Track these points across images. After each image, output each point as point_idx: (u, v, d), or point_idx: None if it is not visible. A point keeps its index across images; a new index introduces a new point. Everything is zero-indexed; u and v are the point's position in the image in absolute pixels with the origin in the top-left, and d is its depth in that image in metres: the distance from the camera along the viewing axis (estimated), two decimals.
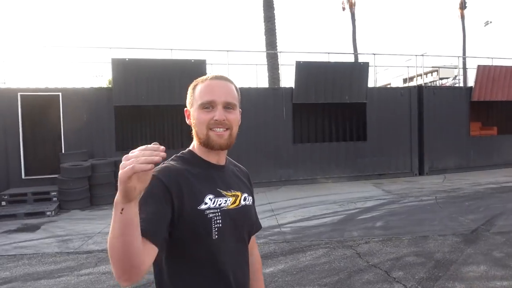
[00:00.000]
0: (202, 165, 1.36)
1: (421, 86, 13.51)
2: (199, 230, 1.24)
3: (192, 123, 1.36)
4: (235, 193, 1.38)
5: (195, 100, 1.35)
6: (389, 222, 7.08)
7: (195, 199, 1.25)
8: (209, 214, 1.26)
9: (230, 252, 1.32)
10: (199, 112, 1.32)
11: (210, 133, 1.31)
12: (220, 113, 1.31)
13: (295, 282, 4.49)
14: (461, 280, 4.36)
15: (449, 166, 13.28)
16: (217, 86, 1.33)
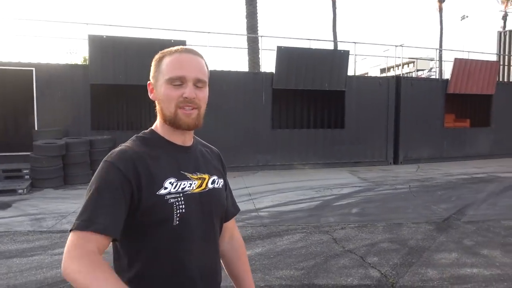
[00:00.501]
0: (165, 146, 1.27)
1: (399, 76, 13.70)
2: (158, 216, 1.16)
3: (158, 99, 1.26)
4: (201, 176, 1.29)
5: (161, 73, 1.24)
6: (364, 209, 7.21)
7: (154, 184, 1.17)
8: (170, 199, 1.18)
9: (196, 240, 1.23)
10: (166, 87, 1.22)
11: (178, 112, 1.22)
12: (191, 90, 1.22)
13: (272, 266, 4.53)
14: (434, 267, 4.49)
15: (422, 156, 13.59)
16: (188, 61, 1.24)
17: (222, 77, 11.50)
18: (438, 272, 4.33)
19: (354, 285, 4.03)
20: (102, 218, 1.08)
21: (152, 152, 1.22)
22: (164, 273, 1.19)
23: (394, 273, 4.32)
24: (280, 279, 4.18)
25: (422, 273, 4.31)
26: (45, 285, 4.01)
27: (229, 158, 11.59)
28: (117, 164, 1.14)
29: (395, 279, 4.15)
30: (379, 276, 4.22)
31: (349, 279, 4.17)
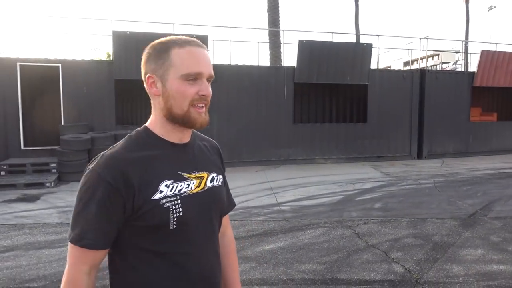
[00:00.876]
0: (160, 145, 1.18)
1: (423, 69, 13.43)
2: (154, 222, 1.11)
3: (163, 94, 1.15)
4: (200, 175, 1.23)
5: (173, 67, 1.13)
6: (387, 204, 7.13)
7: (148, 189, 1.11)
8: (165, 204, 1.12)
9: (195, 242, 1.19)
10: (181, 83, 1.13)
11: (191, 110, 1.15)
12: (207, 87, 1.16)
13: (294, 260, 4.54)
14: (459, 263, 4.42)
15: (447, 151, 13.33)
16: (202, 55, 1.16)
17: (244, 72, 11.52)
18: (464, 268, 4.26)
19: (377, 280, 4.00)
20: (92, 234, 1.08)
21: (146, 154, 1.15)
22: (163, 278, 1.15)
23: (418, 268, 4.27)
24: (302, 273, 4.19)
25: (447, 269, 4.26)
26: None
27: (251, 152, 11.69)
28: (105, 176, 1.07)
29: (419, 275, 4.10)
30: (402, 272, 4.19)
31: (372, 274, 4.15)
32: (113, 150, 1.14)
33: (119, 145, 1.16)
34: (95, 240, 1.08)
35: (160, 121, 1.20)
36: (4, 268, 4.32)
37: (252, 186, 8.62)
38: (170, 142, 1.20)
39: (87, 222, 1.08)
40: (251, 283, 3.95)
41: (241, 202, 7.31)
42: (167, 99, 1.15)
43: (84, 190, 1.09)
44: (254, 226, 5.82)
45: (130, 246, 1.14)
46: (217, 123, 11.35)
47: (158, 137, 1.20)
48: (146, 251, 1.14)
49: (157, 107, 1.20)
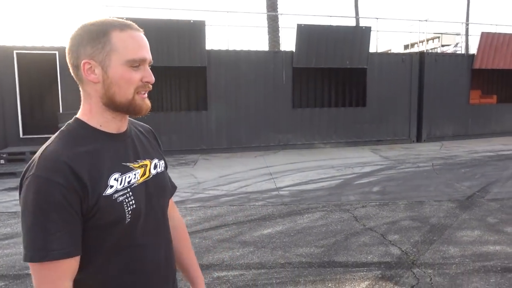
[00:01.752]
0: (99, 138, 1.09)
1: (423, 52, 13.34)
2: (110, 218, 1.04)
3: (105, 81, 1.06)
4: (143, 163, 1.17)
5: (115, 51, 1.04)
6: (386, 187, 7.16)
7: (98, 185, 1.03)
8: (118, 198, 1.05)
9: (149, 232, 1.15)
10: (126, 70, 1.06)
11: (136, 97, 1.09)
12: (151, 74, 1.10)
13: (292, 243, 4.58)
14: (455, 244, 4.46)
15: (447, 134, 13.33)
16: (143, 40, 1.09)
17: (242, 57, 11.46)
18: (460, 250, 4.30)
19: (374, 262, 4.04)
20: (57, 243, 0.97)
21: (87, 149, 1.05)
22: (122, 273, 1.10)
23: (415, 250, 4.31)
24: (300, 256, 4.23)
25: (444, 250, 4.29)
26: None
27: (250, 138, 11.69)
28: (54, 178, 0.97)
29: (416, 257, 4.14)
30: (399, 254, 4.23)
31: (369, 256, 4.19)
32: (50, 149, 1.02)
33: (54, 143, 1.04)
34: (64, 249, 0.98)
35: (98, 111, 1.10)
36: (4, 255, 4.37)
37: (251, 171, 8.65)
38: (108, 133, 1.12)
39: (48, 232, 0.96)
40: (249, 267, 3.99)
41: (240, 187, 7.35)
42: (109, 86, 1.06)
43: (35, 200, 0.96)
44: (252, 211, 5.86)
45: (86, 245, 1.05)
46: (215, 109, 11.33)
47: (95, 129, 1.10)
48: (103, 248, 1.07)
49: (93, 96, 1.09)
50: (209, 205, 6.21)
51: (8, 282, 3.74)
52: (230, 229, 5.10)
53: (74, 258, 1.01)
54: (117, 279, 1.10)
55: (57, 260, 0.97)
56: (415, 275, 3.74)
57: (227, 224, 5.29)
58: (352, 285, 3.57)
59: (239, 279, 3.73)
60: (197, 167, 9.45)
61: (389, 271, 3.84)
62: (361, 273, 3.82)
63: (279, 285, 3.61)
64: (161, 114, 11.31)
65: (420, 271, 3.82)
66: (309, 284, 3.61)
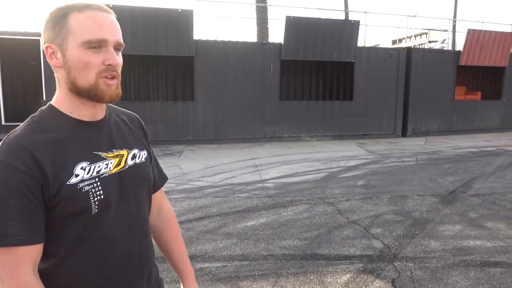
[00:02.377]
0: (70, 124, 1.06)
1: (410, 48, 13.41)
2: (74, 208, 1.01)
3: (65, 65, 1.03)
4: (118, 153, 1.13)
5: (72, 34, 1.00)
6: (370, 181, 7.21)
7: (62, 173, 0.99)
8: (84, 187, 1.02)
9: (119, 224, 1.10)
10: (83, 52, 1.00)
11: (100, 82, 1.03)
12: (113, 56, 1.03)
13: (276, 236, 4.59)
14: (437, 238, 4.51)
15: (431, 129, 13.47)
16: (106, 20, 1.03)
17: (230, 48, 11.37)
18: (441, 244, 4.35)
19: (356, 255, 4.07)
20: (15, 229, 0.94)
21: (55, 136, 1.02)
22: (87, 267, 1.06)
23: (396, 244, 4.35)
24: (283, 248, 4.24)
25: (425, 244, 4.34)
26: None
27: (236, 129, 11.65)
28: (13, 163, 0.94)
29: (398, 250, 4.18)
30: (381, 247, 4.26)
31: (352, 249, 4.21)
32: (15, 134, 1.00)
33: (21, 129, 1.02)
34: (23, 235, 0.95)
35: (66, 97, 1.07)
36: None
37: (236, 163, 8.62)
38: (80, 120, 1.08)
39: (6, 218, 0.93)
40: (232, 258, 3.98)
41: (225, 179, 7.32)
42: (69, 70, 1.03)
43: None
44: (237, 203, 5.85)
45: (50, 235, 1.02)
46: (202, 99, 11.25)
47: (66, 115, 1.07)
48: (67, 240, 1.03)
49: (61, 81, 1.06)
50: (194, 196, 6.18)
51: None
52: (214, 221, 5.08)
53: (34, 245, 0.97)
54: (83, 271, 1.06)
55: (14, 246, 0.94)
56: (396, 268, 3.77)
57: (211, 216, 5.26)
58: (334, 278, 3.59)
59: (221, 271, 3.72)
60: (183, 158, 9.39)
61: (371, 264, 3.86)
62: (343, 266, 3.84)
63: (261, 277, 3.61)
64: (147, 103, 11.19)
65: (402, 264, 3.85)
66: (291, 276, 3.62)
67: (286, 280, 3.55)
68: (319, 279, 3.57)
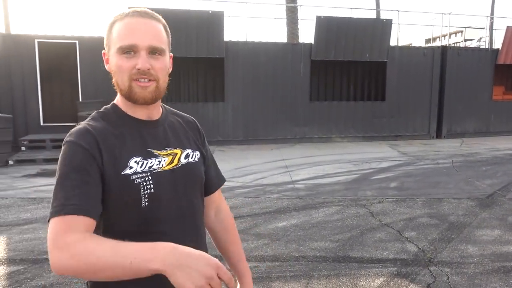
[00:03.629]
0: (128, 122, 1.14)
1: (445, 46, 13.05)
2: (125, 198, 1.07)
3: (112, 70, 1.13)
4: (172, 151, 1.18)
5: (112, 41, 1.10)
6: (403, 183, 7.05)
7: (118, 163, 1.07)
8: (136, 180, 1.07)
9: (169, 219, 1.13)
10: (118, 57, 1.09)
11: (133, 84, 1.09)
12: (144, 60, 1.08)
13: (307, 237, 4.55)
14: (474, 243, 4.36)
15: (467, 130, 13.05)
16: (140, 26, 1.09)
17: (260, 49, 11.39)
18: (479, 249, 4.20)
19: (390, 259, 3.99)
20: (75, 200, 0.98)
21: (114, 130, 1.11)
22: None
23: (432, 248, 4.23)
24: (314, 250, 4.20)
25: (462, 249, 4.20)
26: None
27: (266, 130, 11.65)
28: (79, 142, 1.04)
29: (433, 254, 4.07)
30: (416, 251, 4.16)
31: (385, 252, 4.13)
32: (84, 124, 1.11)
33: (88, 120, 1.14)
34: (80, 205, 0.98)
35: (121, 98, 1.17)
36: (23, 240, 4.45)
37: (267, 164, 8.62)
38: (137, 119, 1.16)
39: (68, 190, 0.98)
40: (263, 259, 3.98)
41: (255, 179, 7.33)
42: (113, 75, 1.13)
43: (61, 161, 1.03)
44: (267, 204, 5.84)
45: (103, 226, 1.08)
46: (233, 100, 11.32)
47: (125, 113, 1.16)
48: (117, 232, 1.05)
49: (115, 84, 1.15)
50: (224, 197, 6.19)
51: (27, 266, 3.81)
52: (244, 221, 5.09)
53: (89, 218, 0.98)
54: None
55: (72, 215, 0.96)
56: (432, 273, 3.67)
57: (242, 216, 5.28)
58: (367, 281, 3.53)
59: (253, 271, 3.72)
60: None
61: (405, 268, 3.77)
62: (377, 269, 3.77)
63: (293, 278, 3.59)
64: (178, 105, 11.34)
65: (437, 269, 3.75)
66: (323, 279, 3.58)
67: (318, 282, 3.52)
68: (351, 282, 3.52)
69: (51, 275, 3.64)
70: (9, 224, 4.96)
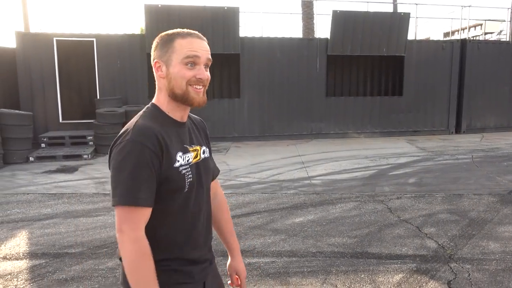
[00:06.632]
0: (168, 122, 1.40)
1: (464, 39, 12.77)
2: (176, 185, 1.35)
3: (167, 76, 1.37)
4: (195, 148, 1.46)
5: (174, 53, 1.35)
6: (422, 179, 6.95)
7: (171, 158, 1.33)
8: (182, 171, 1.36)
9: (199, 202, 1.45)
10: (181, 67, 1.35)
11: (190, 89, 1.36)
12: (203, 71, 1.37)
13: (324, 233, 4.53)
14: (496, 239, 4.28)
15: (488, 125, 12.78)
16: (200, 44, 1.38)
17: (276, 44, 11.34)
18: (501, 246, 4.12)
19: (409, 255, 3.94)
20: (143, 193, 1.26)
21: (162, 129, 1.35)
22: (178, 233, 1.41)
23: (452, 244, 4.16)
24: (332, 246, 4.17)
25: (483, 245, 4.13)
26: (109, 243, 4.28)
27: (282, 126, 11.61)
28: (146, 143, 1.27)
29: (453, 251, 4.00)
30: (436, 247, 4.10)
31: (404, 248, 4.08)
32: (141, 122, 1.33)
33: (142, 119, 1.36)
34: (147, 199, 1.27)
35: (166, 100, 1.41)
36: (44, 234, 4.53)
37: (283, 160, 8.60)
38: (174, 120, 1.42)
39: (137, 183, 1.25)
40: (280, 254, 3.97)
41: (271, 175, 7.32)
42: (170, 80, 1.37)
43: (128, 157, 1.26)
44: (284, 199, 5.83)
45: (154, 210, 1.32)
46: (248, 96, 11.30)
47: (167, 114, 1.41)
48: (165, 211, 1.36)
49: (162, 88, 1.40)
50: (241, 192, 6.22)
51: (48, 260, 3.88)
52: (261, 216, 5.09)
53: (150, 209, 1.30)
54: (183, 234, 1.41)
55: (141, 206, 1.27)
56: (452, 269, 3.61)
57: (258, 212, 5.28)
58: (385, 277, 3.49)
59: (270, 266, 3.72)
60: (229, 154, 9.49)
61: (425, 264, 3.72)
62: (395, 265, 3.72)
63: (311, 273, 3.57)
64: None
65: (458, 266, 3.68)
66: (341, 274, 3.56)
67: (336, 278, 3.50)
68: (370, 278, 3.48)
69: (72, 269, 3.70)
70: (30, 219, 5.06)
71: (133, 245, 1.26)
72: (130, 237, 1.26)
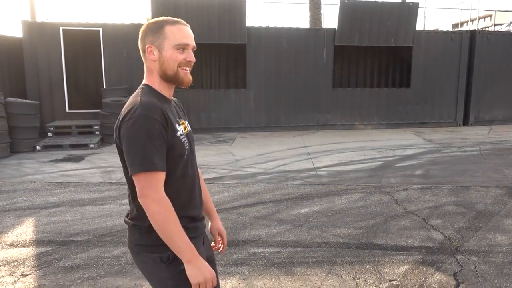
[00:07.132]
0: (163, 98, 1.60)
1: (474, 30, 12.59)
2: (179, 152, 1.56)
3: (160, 59, 1.56)
4: (183, 122, 1.67)
5: (166, 39, 1.55)
6: (429, 171, 6.90)
7: (174, 129, 1.54)
8: (183, 139, 1.58)
9: (193, 166, 1.70)
10: (173, 51, 1.55)
11: (179, 70, 1.58)
12: (192, 55, 1.60)
13: (329, 224, 4.52)
14: (503, 232, 4.24)
15: (496, 118, 12.65)
16: (188, 31, 1.59)
17: (282, 34, 11.26)
18: (508, 238, 4.09)
19: (414, 246, 3.92)
20: (158, 159, 1.46)
21: (161, 103, 1.55)
22: (182, 191, 1.61)
23: (458, 236, 4.14)
24: (337, 236, 4.16)
25: (490, 238, 4.10)
26: (114, 231, 4.31)
27: (289, 117, 11.57)
28: (155, 116, 1.46)
29: (460, 243, 3.98)
30: (442, 239, 4.07)
31: (410, 240, 4.06)
32: (145, 99, 1.50)
33: (144, 96, 1.53)
34: (162, 164, 1.48)
35: (157, 81, 1.61)
36: (51, 222, 4.56)
37: (289, 151, 8.58)
38: (165, 97, 1.63)
39: (153, 152, 1.44)
40: (286, 245, 3.97)
41: (277, 166, 7.31)
42: (163, 63, 1.57)
43: (141, 130, 1.44)
44: (290, 190, 5.82)
45: None
46: (255, 87, 11.26)
47: (159, 92, 1.61)
48: (171, 176, 1.54)
49: (153, 70, 1.60)
50: (247, 183, 6.21)
51: (54, 247, 3.91)
52: (267, 207, 5.09)
53: (164, 173, 1.50)
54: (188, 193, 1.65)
55: (159, 171, 1.47)
56: (459, 261, 3.59)
57: (264, 202, 5.28)
58: (391, 268, 3.48)
59: (275, 256, 3.72)
60: (235, 145, 9.48)
61: (431, 256, 3.70)
62: (401, 256, 3.71)
63: (316, 264, 3.57)
64: (201, 91, 11.37)
65: (464, 258, 3.66)
66: (346, 265, 3.55)
67: (341, 268, 3.49)
68: (375, 269, 3.47)
69: (78, 257, 3.72)
70: (37, 207, 5.09)
71: (159, 204, 1.45)
72: (154, 199, 1.45)
